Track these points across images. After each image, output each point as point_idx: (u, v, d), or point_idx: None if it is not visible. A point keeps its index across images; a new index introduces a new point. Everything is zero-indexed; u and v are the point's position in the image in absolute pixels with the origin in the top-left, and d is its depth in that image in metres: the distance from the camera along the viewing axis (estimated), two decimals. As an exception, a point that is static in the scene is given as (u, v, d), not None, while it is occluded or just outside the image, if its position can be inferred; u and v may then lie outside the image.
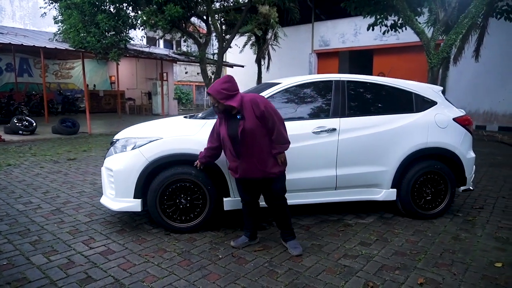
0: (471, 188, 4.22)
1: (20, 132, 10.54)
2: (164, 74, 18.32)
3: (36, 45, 10.46)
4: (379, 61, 15.86)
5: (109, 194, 3.63)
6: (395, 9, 8.48)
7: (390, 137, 3.81)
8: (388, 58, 15.44)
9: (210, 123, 3.62)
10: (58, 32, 11.58)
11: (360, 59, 17.46)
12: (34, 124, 10.94)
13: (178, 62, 21.94)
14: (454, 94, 14.12)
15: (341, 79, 3.91)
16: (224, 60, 19.33)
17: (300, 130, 3.65)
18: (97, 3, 10.16)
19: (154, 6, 9.62)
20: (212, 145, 3.20)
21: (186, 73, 27.57)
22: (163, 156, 3.45)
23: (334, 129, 3.70)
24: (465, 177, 4.06)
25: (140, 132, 3.74)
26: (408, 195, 3.89)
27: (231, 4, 15.24)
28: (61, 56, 18.01)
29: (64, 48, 10.78)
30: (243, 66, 17.21)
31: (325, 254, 3.14)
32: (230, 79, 2.99)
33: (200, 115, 4.11)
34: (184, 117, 4.23)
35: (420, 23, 9.02)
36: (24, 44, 10.39)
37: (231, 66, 17.34)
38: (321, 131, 3.67)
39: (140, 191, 3.48)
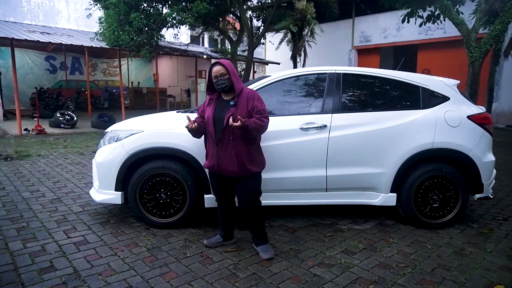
0: (490, 196, 3.70)
1: (62, 125, 11.28)
2: (203, 72, 18.66)
3: (67, 43, 11.06)
4: (423, 57, 14.79)
5: (95, 186, 3.67)
6: (431, -2, 7.79)
7: (389, 136, 3.43)
8: (433, 54, 14.35)
9: (192, 116, 3.52)
10: (99, 32, 12.22)
11: (403, 55, 16.42)
12: (75, 118, 11.66)
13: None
14: (507, 92, 12.76)
15: (337, 71, 3.60)
16: (262, 57, 19.25)
17: (286, 126, 3.42)
18: (132, 2, 10.52)
19: (183, 3, 9.77)
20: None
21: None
22: (143, 149, 3.41)
23: (324, 126, 3.41)
24: (481, 183, 3.55)
25: (127, 125, 3.74)
26: (410, 201, 3.49)
27: (268, 1, 15.09)
28: (109, 55, 19.08)
29: (99, 46, 11.37)
30: (278, 63, 16.98)
31: (299, 260, 2.89)
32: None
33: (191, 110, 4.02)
34: (177, 112, 4.17)
35: (462, 13, 8.23)
36: (48, 41, 10.95)
37: (266, 63, 17.19)
38: (310, 128, 3.40)
39: (121, 183, 3.47)
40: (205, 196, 3.48)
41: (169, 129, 3.46)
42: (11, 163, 6.36)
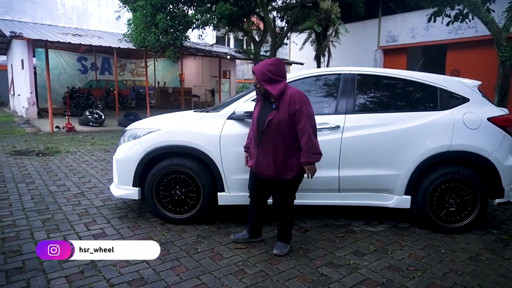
0: None
1: (91, 123, 11.75)
2: (227, 72, 18.88)
3: (96, 45, 11.52)
4: (453, 57, 14.29)
5: (115, 181, 3.83)
6: (459, -4, 7.53)
7: (403, 138, 3.38)
8: (464, 54, 13.83)
9: (208, 116, 3.62)
10: (127, 33, 12.64)
11: (431, 55, 15.92)
12: (103, 117, 12.11)
13: (246, 61, 22.47)
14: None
15: (352, 72, 3.59)
16: (287, 58, 19.21)
17: (299, 126, 3.43)
18: (158, 5, 10.81)
19: (207, 4, 9.94)
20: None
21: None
22: (159, 147, 3.53)
23: (337, 127, 3.41)
24: (502, 187, 3.43)
25: (145, 123, 3.88)
26: (425, 204, 3.42)
27: (293, 2, 15.05)
28: (137, 56, 19.64)
29: (126, 47, 11.76)
30: (302, 64, 16.90)
31: (307, 259, 2.91)
32: (278, 63, 2.80)
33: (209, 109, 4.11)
34: (194, 111, 4.28)
35: (493, 11, 7.90)
36: (71, 41, 11.42)
37: (290, 63, 17.16)
38: (322, 128, 3.40)
39: (138, 179, 3.60)
40: (219, 194, 3.55)
41: (185, 127, 3.56)
42: (41, 159, 6.72)
